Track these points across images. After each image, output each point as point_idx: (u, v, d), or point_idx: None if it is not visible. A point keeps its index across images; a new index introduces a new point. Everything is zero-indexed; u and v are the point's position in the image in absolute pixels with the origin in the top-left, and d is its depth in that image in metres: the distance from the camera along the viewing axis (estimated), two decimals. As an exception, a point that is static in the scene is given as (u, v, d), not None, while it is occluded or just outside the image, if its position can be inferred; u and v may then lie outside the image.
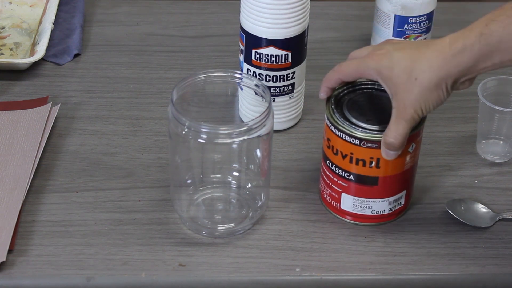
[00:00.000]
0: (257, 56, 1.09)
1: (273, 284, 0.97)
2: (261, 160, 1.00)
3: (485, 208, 1.04)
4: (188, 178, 1.04)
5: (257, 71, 1.10)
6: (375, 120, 0.97)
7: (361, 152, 0.97)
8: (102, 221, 1.02)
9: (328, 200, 1.03)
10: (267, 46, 1.08)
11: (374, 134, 0.96)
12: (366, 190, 1.00)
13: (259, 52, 1.08)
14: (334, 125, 0.97)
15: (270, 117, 0.97)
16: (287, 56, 1.08)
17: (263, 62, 1.09)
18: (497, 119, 1.09)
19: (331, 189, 1.02)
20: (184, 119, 0.94)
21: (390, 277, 0.97)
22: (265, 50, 1.08)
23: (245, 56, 1.10)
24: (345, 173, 0.99)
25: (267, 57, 1.08)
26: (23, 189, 1.04)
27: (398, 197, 1.01)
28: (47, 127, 1.13)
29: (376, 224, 1.02)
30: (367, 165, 0.97)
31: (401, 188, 1.01)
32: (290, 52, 1.08)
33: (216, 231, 1.00)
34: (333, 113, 0.98)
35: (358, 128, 0.96)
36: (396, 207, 1.02)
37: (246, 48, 1.09)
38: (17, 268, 0.96)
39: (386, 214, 1.02)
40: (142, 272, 0.96)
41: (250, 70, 1.10)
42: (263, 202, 1.02)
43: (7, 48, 1.29)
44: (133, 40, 1.32)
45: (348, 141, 0.97)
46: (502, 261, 0.99)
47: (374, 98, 1.00)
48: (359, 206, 1.01)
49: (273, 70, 1.09)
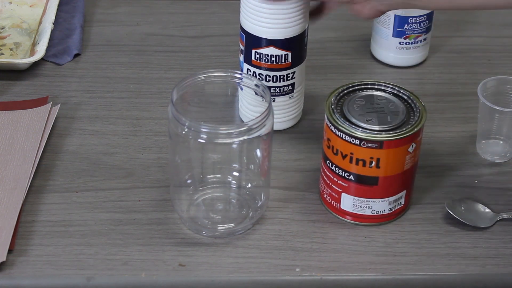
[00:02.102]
0: (257, 56, 1.08)
1: (273, 284, 0.97)
2: (261, 160, 1.00)
3: (485, 208, 1.04)
4: (188, 178, 1.04)
5: (257, 71, 1.10)
6: (375, 120, 0.97)
7: (361, 152, 0.97)
8: (102, 221, 1.02)
9: (328, 200, 1.03)
10: (267, 46, 1.08)
11: (374, 134, 0.96)
12: (366, 190, 1.00)
13: (259, 52, 1.08)
14: (334, 125, 0.97)
15: (270, 117, 0.97)
16: (287, 56, 1.08)
17: (263, 62, 1.09)
18: (497, 119, 1.10)
19: (331, 189, 1.02)
20: (184, 119, 0.95)
21: (390, 277, 0.97)
22: (265, 50, 1.08)
23: (245, 56, 1.10)
24: (345, 173, 0.99)
25: (267, 57, 1.08)
26: (23, 189, 1.04)
27: (398, 197, 1.01)
28: (47, 127, 1.13)
29: (376, 224, 1.02)
30: (367, 165, 0.98)
31: (401, 188, 1.01)
32: (290, 52, 1.08)
33: (216, 231, 1.00)
34: (333, 113, 0.98)
35: (358, 128, 0.96)
36: (396, 207, 1.02)
37: (246, 48, 1.09)
38: (17, 268, 0.96)
39: (386, 214, 1.02)
40: (142, 272, 0.96)
41: (250, 70, 1.10)
42: (263, 202, 1.02)
43: (7, 48, 1.29)
44: (133, 40, 1.32)
45: (348, 141, 0.97)
46: (502, 261, 0.99)
47: (374, 98, 1.00)
48: (359, 206, 1.01)
49: (273, 70, 1.09)
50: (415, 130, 0.97)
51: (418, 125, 0.97)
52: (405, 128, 0.97)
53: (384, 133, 0.96)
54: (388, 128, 0.97)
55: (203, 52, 1.30)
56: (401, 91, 1.01)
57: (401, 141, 0.96)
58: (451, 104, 1.18)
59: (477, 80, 1.11)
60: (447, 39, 1.34)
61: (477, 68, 1.28)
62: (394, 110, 0.99)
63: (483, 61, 1.29)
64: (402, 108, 0.99)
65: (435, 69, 1.28)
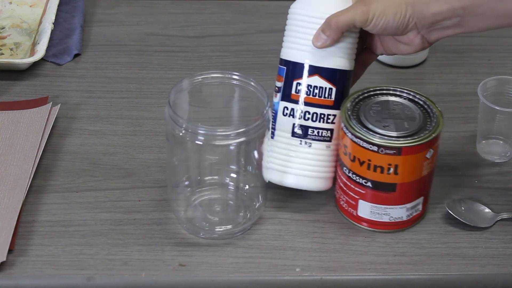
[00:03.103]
0: (298, 88, 0.99)
1: (273, 284, 0.97)
2: (259, 162, 1.00)
3: (485, 208, 1.04)
4: (185, 180, 1.04)
5: (296, 107, 0.99)
6: (392, 126, 0.96)
7: (379, 159, 0.96)
8: (102, 221, 1.02)
9: (345, 207, 1.02)
10: (312, 75, 0.99)
11: (392, 141, 0.95)
12: (384, 196, 0.99)
13: (300, 83, 0.99)
14: (351, 132, 0.97)
15: (268, 118, 0.96)
16: (331, 91, 0.99)
17: (304, 94, 0.99)
18: (497, 119, 1.09)
19: (348, 196, 1.01)
20: (181, 120, 0.94)
21: (390, 277, 0.97)
22: (309, 80, 0.99)
23: (283, 93, 1.00)
24: (362, 180, 0.98)
25: (309, 88, 0.99)
26: (23, 189, 1.04)
27: (416, 204, 1.00)
28: (47, 127, 1.13)
29: (394, 231, 1.01)
30: (385, 172, 0.97)
31: (418, 194, 1.00)
32: (335, 87, 0.99)
33: (213, 233, 1.00)
34: (350, 120, 0.97)
35: (375, 134, 0.95)
36: (414, 213, 1.01)
37: (286, 82, 1.00)
38: (17, 268, 0.96)
39: (404, 220, 1.01)
40: (142, 272, 0.96)
41: (288, 108, 1.00)
42: (260, 203, 1.02)
43: (7, 48, 1.29)
44: (133, 40, 1.32)
45: (365, 147, 0.96)
46: (502, 261, 0.99)
47: (390, 104, 1.00)
48: (377, 213, 1.00)
49: (312, 106, 0.99)
50: (433, 136, 0.96)
51: (436, 131, 0.96)
52: (423, 134, 0.96)
53: (402, 139, 0.95)
54: (406, 134, 0.96)
55: (203, 52, 1.30)
56: (416, 96, 1.00)
57: (419, 147, 0.96)
58: (451, 104, 1.18)
59: (477, 80, 1.11)
60: (447, 39, 1.33)
61: (477, 68, 1.28)
62: (411, 116, 0.98)
63: (483, 61, 1.29)
64: (418, 114, 0.98)
65: (435, 69, 1.28)
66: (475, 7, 0.96)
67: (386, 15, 0.96)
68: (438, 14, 0.97)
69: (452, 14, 0.97)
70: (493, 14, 0.96)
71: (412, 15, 0.97)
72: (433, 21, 0.97)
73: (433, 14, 0.97)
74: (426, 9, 0.97)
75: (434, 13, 0.97)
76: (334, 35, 0.97)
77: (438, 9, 0.96)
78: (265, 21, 1.37)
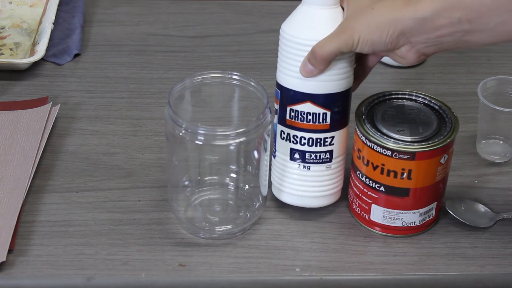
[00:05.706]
0: (292, 114, 0.98)
1: (273, 284, 0.97)
2: (258, 162, 1.00)
3: (485, 208, 1.04)
4: (185, 180, 1.04)
5: (292, 133, 0.98)
6: (406, 131, 0.96)
7: (393, 163, 0.95)
8: (102, 221, 1.02)
9: (358, 211, 1.02)
10: (304, 102, 0.96)
11: (406, 145, 0.95)
12: (397, 201, 0.98)
13: (294, 110, 0.97)
14: (365, 136, 0.96)
15: (268, 118, 0.96)
16: (326, 116, 0.97)
17: (299, 121, 0.98)
18: (497, 119, 1.09)
19: (361, 200, 1.00)
20: (181, 120, 0.94)
21: (390, 277, 0.97)
22: (301, 107, 0.97)
23: (279, 116, 0.99)
24: (375, 184, 0.98)
25: (302, 115, 0.98)
26: (23, 189, 1.04)
27: (429, 209, 1.00)
28: (47, 127, 1.13)
29: (406, 236, 1.01)
30: (398, 177, 0.96)
31: (432, 199, 1.00)
32: (329, 112, 0.97)
33: (213, 233, 1.00)
34: (364, 124, 0.97)
35: (389, 139, 0.95)
36: (427, 218, 1.01)
37: (280, 106, 0.98)
38: (17, 268, 0.96)
39: (417, 225, 1.00)
40: (142, 272, 0.96)
41: (284, 132, 0.99)
42: (260, 203, 1.02)
43: (7, 48, 1.29)
44: (133, 40, 1.32)
45: (379, 152, 0.96)
46: (502, 261, 0.99)
47: (405, 108, 0.99)
48: (390, 218, 0.99)
49: (309, 132, 0.98)
50: (448, 141, 0.95)
51: (450, 136, 0.96)
52: (437, 139, 0.95)
53: (416, 144, 0.95)
54: (420, 139, 0.95)
55: (203, 52, 1.30)
56: (432, 101, 1.00)
57: (434, 152, 0.95)
58: (451, 104, 1.18)
59: (477, 80, 1.11)
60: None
61: (477, 68, 1.28)
62: (426, 121, 0.97)
63: (483, 61, 1.29)
64: (433, 119, 0.98)
65: (435, 69, 1.28)
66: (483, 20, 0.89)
67: (371, 37, 0.92)
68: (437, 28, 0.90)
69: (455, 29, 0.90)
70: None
71: (402, 31, 0.91)
72: (429, 37, 0.92)
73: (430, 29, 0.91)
74: (421, 25, 0.90)
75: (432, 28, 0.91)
76: (320, 65, 0.93)
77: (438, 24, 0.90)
78: (265, 21, 1.37)
